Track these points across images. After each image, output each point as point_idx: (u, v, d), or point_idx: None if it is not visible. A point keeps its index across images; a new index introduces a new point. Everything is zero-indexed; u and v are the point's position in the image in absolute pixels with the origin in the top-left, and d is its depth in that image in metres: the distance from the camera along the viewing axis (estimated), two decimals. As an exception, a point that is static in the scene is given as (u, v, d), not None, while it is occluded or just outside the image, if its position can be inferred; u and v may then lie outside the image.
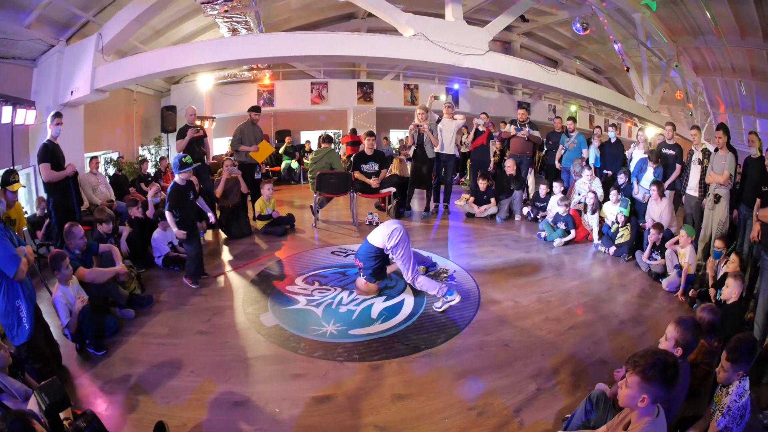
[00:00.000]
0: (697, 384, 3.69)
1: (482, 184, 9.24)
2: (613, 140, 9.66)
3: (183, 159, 5.55)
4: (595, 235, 7.87)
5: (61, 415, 2.65)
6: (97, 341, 4.27)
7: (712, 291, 5.29)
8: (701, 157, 7.03)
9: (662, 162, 7.99)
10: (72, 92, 8.16)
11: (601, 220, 7.98)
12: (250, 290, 5.70)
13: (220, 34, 10.35)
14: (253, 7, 9.11)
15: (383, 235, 5.21)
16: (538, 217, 8.93)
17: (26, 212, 7.37)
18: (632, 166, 8.71)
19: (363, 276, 5.38)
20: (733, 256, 5.08)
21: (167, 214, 5.57)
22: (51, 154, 6.20)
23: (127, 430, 3.29)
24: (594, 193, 8.08)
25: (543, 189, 9.09)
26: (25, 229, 6.95)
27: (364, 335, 4.60)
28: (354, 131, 14.63)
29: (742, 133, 13.06)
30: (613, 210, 7.69)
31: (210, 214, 6.09)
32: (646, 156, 8.22)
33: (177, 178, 5.62)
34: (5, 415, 2.41)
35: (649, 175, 7.98)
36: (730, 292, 4.38)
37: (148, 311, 5.11)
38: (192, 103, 10.03)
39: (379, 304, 5.22)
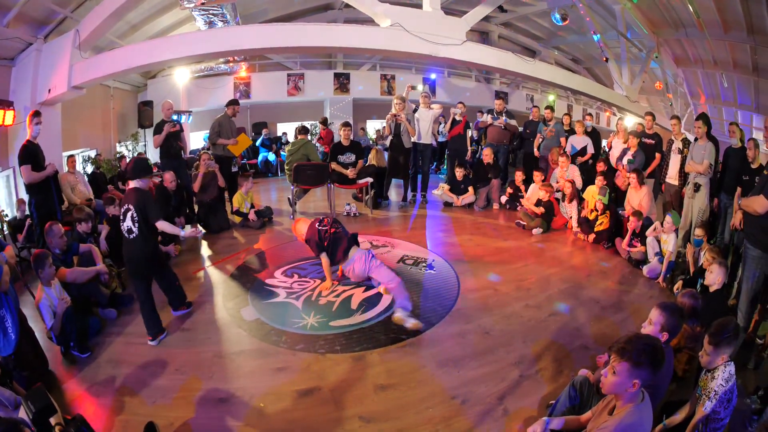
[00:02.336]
0: (682, 369, 3.76)
1: (459, 174, 9.30)
2: (589, 129, 9.75)
3: (146, 162, 4.82)
4: (574, 222, 7.95)
5: (52, 421, 2.64)
6: (82, 343, 4.24)
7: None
8: (681, 147, 7.13)
9: (642, 151, 8.06)
10: (49, 90, 8.02)
11: (581, 206, 8.03)
12: (229, 285, 5.69)
13: (197, 27, 10.26)
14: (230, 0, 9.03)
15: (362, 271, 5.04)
16: (517, 203, 9.00)
17: (6, 215, 7.26)
18: (612, 155, 8.78)
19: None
20: (708, 254, 5.14)
21: (161, 223, 4.52)
22: (31, 154, 6.11)
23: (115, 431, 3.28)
24: (571, 182, 8.15)
25: (519, 176, 9.17)
26: (6, 232, 6.86)
27: (344, 326, 4.61)
28: (325, 121, 14.64)
29: (723, 123, 13.24)
30: (596, 194, 7.75)
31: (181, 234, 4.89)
32: (626, 146, 8.28)
33: (137, 183, 4.51)
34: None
35: (628, 157, 8.06)
36: (714, 278, 4.44)
37: (129, 310, 5.06)
38: (168, 98, 9.96)
39: (358, 295, 5.23)
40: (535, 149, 9.90)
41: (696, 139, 6.58)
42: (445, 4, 9.62)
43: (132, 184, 4.51)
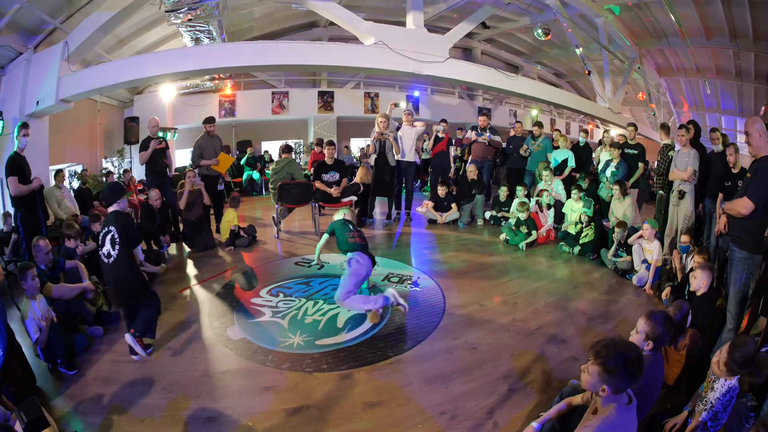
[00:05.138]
0: (673, 378, 3.78)
1: (441, 191, 9.36)
2: (582, 144, 9.89)
3: (119, 186, 4.87)
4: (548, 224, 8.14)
5: None
6: (69, 360, 4.21)
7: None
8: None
9: (625, 161, 8.17)
10: (38, 102, 8.02)
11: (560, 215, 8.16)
12: (215, 304, 5.66)
13: (183, 43, 10.28)
14: (216, 16, 9.08)
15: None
16: (501, 219, 9.09)
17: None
18: (600, 167, 8.89)
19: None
20: (697, 257, 5.22)
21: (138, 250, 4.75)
22: (18, 167, 6.10)
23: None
24: (546, 192, 8.30)
25: (503, 192, 9.27)
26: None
27: (331, 345, 4.61)
28: (320, 142, 14.54)
29: (706, 130, 13.46)
30: (576, 207, 7.85)
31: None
32: (611, 157, 8.39)
33: (117, 206, 4.54)
34: None
35: (611, 168, 8.18)
36: (699, 283, 4.50)
37: (116, 328, 5.02)
38: (155, 114, 9.98)
39: (344, 314, 5.23)
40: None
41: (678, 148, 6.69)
42: (428, 22, 9.72)
43: (111, 208, 4.51)
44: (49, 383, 4.06)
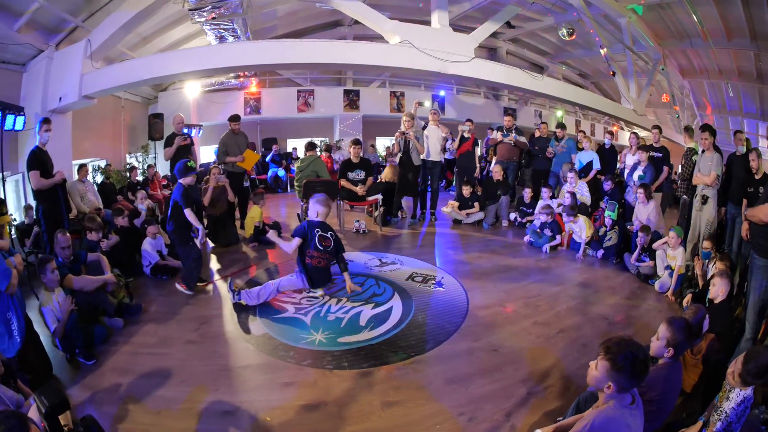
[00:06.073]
0: (691, 385, 3.71)
1: (466, 191, 9.29)
2: (607, 146, 9.76)
3: (188, 164, 5.59)
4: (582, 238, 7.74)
5: (61, 420, 2.63)
6: (87, 350, 4.25)
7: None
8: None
9: (652, 165, 8.03)
10: (60, 98, 8.10)
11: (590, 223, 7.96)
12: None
13: (208, 41, 10.34)
14: (240, 15, 9.11)
15: None
16: (525, 221, 8.99)
17: (14, 219, 7.31)
18: (626, 171, 8.74)
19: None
20: (718, 263, 5.12)
21: (187, 211, 5.46)
22: (40, 161, 6.19)
23: (117, 440, 3.26)
24: (572, 194, 8.14)
25: (527, 193, 9.17)
26: (14, 236, 6.90)
27: (353, 343, 4.59)
28: (329, 148, 14.37)
29: (729, 133, 13.23)
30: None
31: (199, 228, 5.77)
32: (638, 160, 8.24)
33: (183, 181, 5.57)
34: (1, 413, 2.37)
35: (638, 172, 8.02)
36: (717, 290, 4.42)
37: (136, 320, 5.08)
38: (179, 111, 10.03)
39: (367, 312, 5.22)
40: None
41: (703, 151, 6.56)
42: (452, 21, 9.68)
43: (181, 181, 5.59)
44: (65, 372, 4.11)
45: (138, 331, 4.85)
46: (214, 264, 7.13)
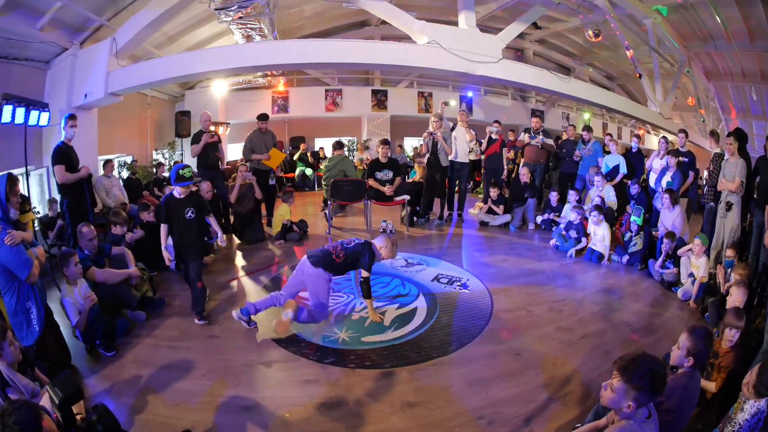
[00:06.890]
0: (710, 393, 3.64)
1: (493, 193, 9.22)
2: (634, 150, 9.61)
3: (180, 171, 4.88)
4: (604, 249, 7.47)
5: (74, 409, 2.66)
6: (108, 342, 4.30)
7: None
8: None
9: (679, 170, 7.88)
10: (86, 95, 8.22)
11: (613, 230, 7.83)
12: (262, 295, 5.62)
13: (234, 40, 10.42)
14: (267, 14, 9.16)
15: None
16: (552, 224, 8.87)
17: (38, 212, 7.44)
18: (651, 175, 8.61)
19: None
20: (737, 272, 5.01)
21: (162, 226, 5.01)
22: (65, 156, 6.28)
23: (134, 430, 3.30)
24: (601, 198, 8.01)
25: (554, 196, 9.06)
26: (37, 228, 7.02)
27: (376, 342, 4.59)
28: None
29: (754, 138, 12.98)
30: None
31: (220, 234, 5.40)
32: (667, 165, 8.10)
33: (174, 190, 5.00)
34: (12, 401, 2.39)
35: (666, 178, 7.90)
36: (734, 300, 4.34)
37: (159, 314, 5.14)
38: (206, 109, 10.11)
39: (391, 312, 5.21)
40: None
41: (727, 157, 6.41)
42: (479, 21, 9.62)
43: None
44: (85, 362, 4.18)
45: (160, 325, 4.91)
46: (239, 260, 7.20)
